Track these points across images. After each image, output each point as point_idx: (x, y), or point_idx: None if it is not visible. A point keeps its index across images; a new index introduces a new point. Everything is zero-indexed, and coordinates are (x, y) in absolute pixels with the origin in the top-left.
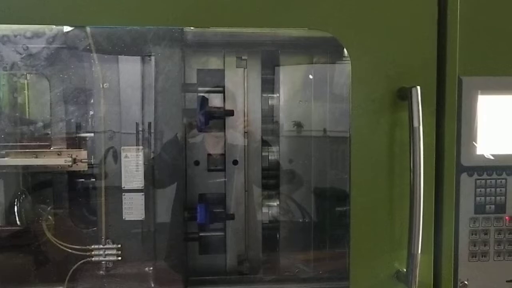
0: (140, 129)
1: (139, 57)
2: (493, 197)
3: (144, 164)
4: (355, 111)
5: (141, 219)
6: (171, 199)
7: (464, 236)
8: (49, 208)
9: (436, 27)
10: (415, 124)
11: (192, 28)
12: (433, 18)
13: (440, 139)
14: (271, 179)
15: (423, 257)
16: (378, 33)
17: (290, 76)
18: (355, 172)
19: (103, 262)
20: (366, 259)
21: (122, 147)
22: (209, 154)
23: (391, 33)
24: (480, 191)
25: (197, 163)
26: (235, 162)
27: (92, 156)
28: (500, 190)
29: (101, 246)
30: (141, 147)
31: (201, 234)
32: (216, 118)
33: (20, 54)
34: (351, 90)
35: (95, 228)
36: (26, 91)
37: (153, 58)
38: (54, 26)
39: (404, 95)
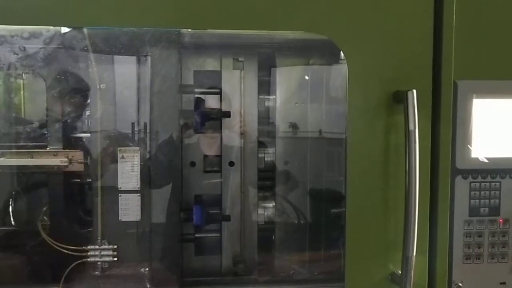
0: (137, 130)
1: (136, 58)
2: (487, 200)
3: (140, 164)
4: (351, 113)
5: (137, 220)
6: (167, 200)
7: (458, 239)
8: (44, 209)
9: (432, 31)
10: (411, 127)
11: (189, 29)
12: (429, 22)
13: (435, 142)
14: (267, 180)
15: (418, 259)
16: (374, 37)
17: (286, 77)
18: (351, 174)
19: (98, 263)
20: (362, 261)
21: (118, 148)
22: (205, 155)
23: (387, 36)
24: (475, 194)
25: (193, 164)
26: (231, 163)
27: (89, 157)
28: (494, 193)
29: (97, 246)
30: (137, 148)
31: (197, 235)
32: (213, 119)
33: (17, 54)
34: (347, 92)
35: (90, 229)
36: (22, 91)
37: (149, 59)
38: (52, 27)
39: (399, 98)
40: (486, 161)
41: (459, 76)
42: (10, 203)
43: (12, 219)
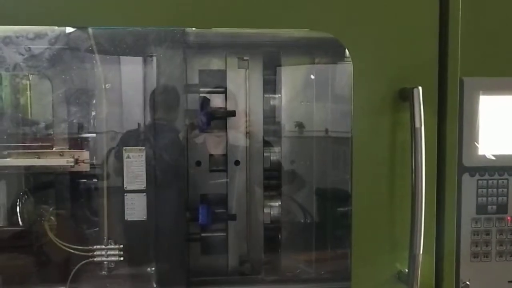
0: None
1: (141, 58)
2: (495, 198)
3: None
4: (356, 111)
5: (143, 219)
6: (173, 199)
7: (465, 237)
8: (51, 209)
9: (438, 28)
10: (417, 124)
11: (193, 29)
12: (434, 18)
13: (442, 140)
14: (272, 179)
15: (424, 258)
16: (379, 34)
17: (291, 76)
18: (357, 173)
19: (105, 263)
20: (368, 260)
21: (124, 148)
22: (210, 155)
23: (392, 33)
24: (482, 191)
25: (198, 163)
26: (236, 163)
27: (94, 157)
28: (502, 190)
29: (103, 246)
30: (143, 147)
31: (203, 234)
32: (218, 119)
33: (23, 55)
34: (352, 90)
35: (97, 229)
36: (28, 92)
37: (155, 58)
38: (56, 27)
39: (405, 96)
40: (493, 158)
41: (466, 73)
42: (18, 203)
43: (19, 219)
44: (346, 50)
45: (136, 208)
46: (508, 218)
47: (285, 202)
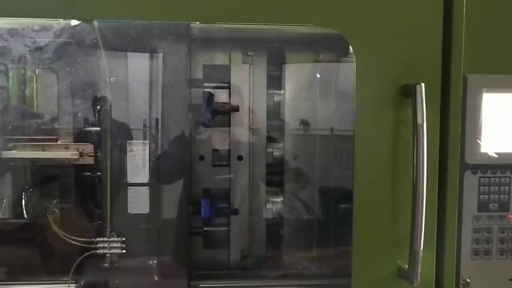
0: (147, 123)
1: (146, 52)
2: (496, 195)
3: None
4: (359, 108)
5: (146, 213)
6: (176, 193)
7: (467, 234)
8: (55, 201)
9: (442, 24)
10: (419, 121)
11: (198, 23)
12: (438, 15)
13: (444, 137)
14: (275, 175)
15: (425, 255)
16: (383, 30)
17: (295, 73)
18: (359, 169)
19: (107, 255)
20: (368, 256)
21: (127, 141)
22: (214, 150)
23: (396, 30)
24: (484, 189)
25: (202, 158)
26: (240, 158)
27: (99, 150)
28: (504, 188)
29: (106, 239)
30: (147, 141)
31: (205, 228)
32: (222, 114)
33: (28, 47)
34: (355, 87)
35: (100, 222)
36: (33, 84)
37: (161, 54)
38: (62, 20)
39: (408, 92)
40: (495, 156)
41: (469, 70)
42: (23, 195)
43: (24, 211)
44: (350, 47)
45: (138, 201)
46: (510, 216)
47: (288, 198)
